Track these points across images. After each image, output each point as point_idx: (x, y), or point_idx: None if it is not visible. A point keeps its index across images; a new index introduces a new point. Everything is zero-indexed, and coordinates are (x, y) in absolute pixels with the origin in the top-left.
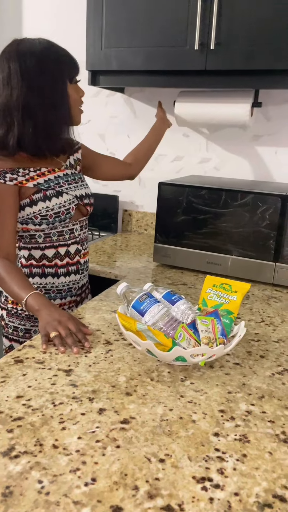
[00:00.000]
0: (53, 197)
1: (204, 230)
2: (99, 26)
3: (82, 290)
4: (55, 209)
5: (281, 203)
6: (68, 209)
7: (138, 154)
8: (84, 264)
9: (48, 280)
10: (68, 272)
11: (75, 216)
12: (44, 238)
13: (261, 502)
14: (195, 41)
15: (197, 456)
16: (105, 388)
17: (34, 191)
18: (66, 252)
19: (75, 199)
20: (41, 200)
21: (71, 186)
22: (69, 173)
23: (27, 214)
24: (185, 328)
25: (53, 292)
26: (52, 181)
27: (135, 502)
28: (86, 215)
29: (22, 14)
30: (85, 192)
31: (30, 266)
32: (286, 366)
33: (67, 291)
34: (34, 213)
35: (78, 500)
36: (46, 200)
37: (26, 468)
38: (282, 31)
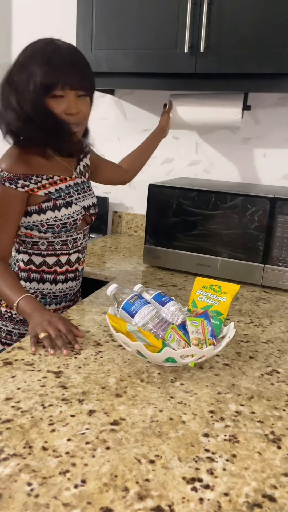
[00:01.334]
0: (62, 207)
1: (194, 232)
2: (89, 28)
3: (75, 295)
4: (63, 219)
5: (269, 205)
6: (75, 220)
7: (135, 161)
8: (81, 271)
9: (45, 286)
10: (66, 279)
11: (80, 225)
12: (47, 246)
13: (250, 502)
14: (185, 44)
15: (187, 457)
16: (95, 389)
17: (44, 200)
18: (67, 260)
19: (82, 209)
20: (50, 209)
21: (80, 196)
22: (79, 182)
23: (34, 221)
24: (175, 329)
25: (49, 297)
26: (63, 190)
27: (125, 503)
28: (90, 223)
29: (11, 15)
30: (92, 202)
31: (29, 270)
32: (275, 367)
33: (62, 297)
34: (41, 221)
35: (67, 502)
36: (55, 210)
37: (15, 470)
38: (271, 35)
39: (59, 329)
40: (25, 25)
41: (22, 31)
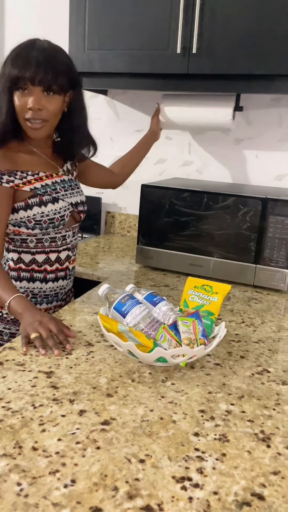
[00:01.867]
0: (49, 203)
1: (186, 232)
2: (81, 28)
3: (67, 294)
4: (50, 215)
5: (261, 205)
6: (62, 216)
7: (126, 166)
8: (72, 270)
9: (36, 285)
10: (57, 278)
11: (68, 222)
12: (36, 243)
13: (239, 500)
14: (177, 44)
15: (177, 456)
16: (86, 389)
17: (30, 195)
18: (57, 258)
19: (70, 206)
20: (36, 205)
21: (67, 192)
22: (66, 179)
23: (21, 218)
24: (166, 329)
25: (40, 296)
26: (49, 186)
27: (114, 502)
28: (79, 221)
29: (4, 13)
30: (80, 199)
31: (19, 269)
32: (265, 366)
33: (53, 296)
34: (28, 217)
35: (57, 502)
36: (42, 205)
37: (5, 470)
38: (264, 36)
39: (50, 330)
40: (18, 25)
41: (15, 31)
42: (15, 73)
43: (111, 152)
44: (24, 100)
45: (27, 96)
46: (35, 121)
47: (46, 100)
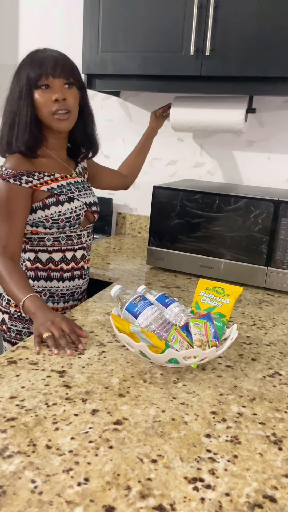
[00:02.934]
0: (65, 202)
1: (198, 234)
2: (95, 30)
3: (82, 294)
4: (67, 214)
5: (273, 208)
6: (78, 215)
7: (133, 165)
8: (87, 270)
9: (53, 284)
10: (73, 277)
11: (83, 222)
12: (53, 241)
13: (251, 502)
14: (190, 47)
15: (188, 457)
16: (98, 389)
17: (47, 195)
18: (73, 257)
19: (84, 205)
20: (53, 204)
21: (81, 193)
22: (79, 181)
23: (39, 217)
24: (178, 330)
25: (57, 295)
26: (64, 186)
27: (127, 502)
28: (93, 222)
29: (18, 17)
30: (93, 200)
31: (36, 269)
32: (277, 369)
33: (70, 295)
34: (46, 216)
35: (71, 499)
36: (59, 204)
37: (19, 468)
38: (277, 39)
39: (62, 329)
40: (32, 28)
41: (29, 34)
42: (36, 72)
43: (123, 153)
44: (48, 95)
45: (49, 91)
46: (61, 112)
47: (68, 92)
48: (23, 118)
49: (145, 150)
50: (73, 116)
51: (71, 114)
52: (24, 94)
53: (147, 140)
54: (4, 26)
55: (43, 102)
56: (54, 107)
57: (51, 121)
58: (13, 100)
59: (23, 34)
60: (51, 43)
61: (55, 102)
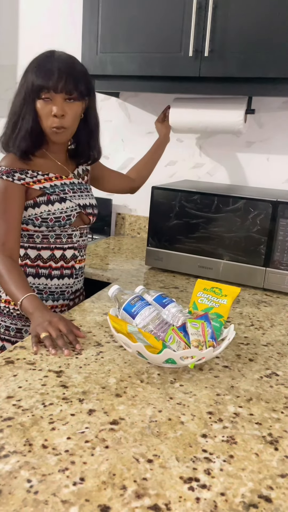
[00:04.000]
0: (56, 202)
1: (196, 234)
2: (95, 31)
3: (75, 295)
4: (56, 213)
5: (272, 208)
6: (69, 216)
7: (142, 170)
8: (79, 270)
9: (41, 281)
10: (62, 275)
11: (76, 223)
12: (42, 239)
13: (246, 502)
14: (189, 47)
15: (184, 457)
16: (95, 389)
17: (39, 194)
18: (62, 255)
19: (77, 207)
20: (44, 203)
21: (76, 194)
22: (76, 182)
23: (29, 215)
24: (175, 330)
25: (46, 293)
26: (58, 187)
27: (122, 501)
28: (88, 224)
29: (18, 18)
30: (89, 202)
31: (25, 265)
32: (274, 370)
33: (59, 294)
34: (35, 214)
35: (66, 499)
36: (49, 204)
37: (15, 467)
38: (276, 39)
39: (60, 330)
40: (32, 28)
41: (29, 35)
42: (39, 83)
43: (122, 154)
44: (48, 108)
45: (49, 104)
46: (58, 127)
47: (68, 107)
48: (25, 125)
49: (157, 156)
50: (71, 130)
51: (67, 130)
52: (27, 100)
53: (159, 147)
54: (4, 26)
55: (43, 114)
56: (52, 121)
57: (49, 133)
58: (18, 101)
59: (22, 34)
60: (51, 43)
61: (53, 117)
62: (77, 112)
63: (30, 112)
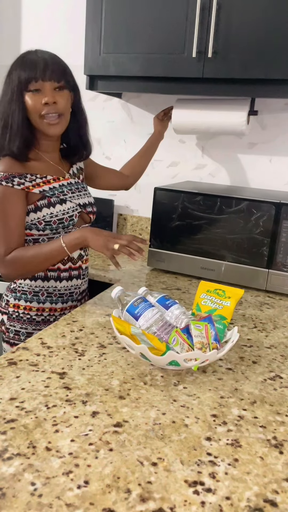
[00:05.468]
0: (57, 204)
1: (199, 235)
2: (98, 31)
3: (82, 295)
4: (59, 215)
5: (275, 210)
6: (71, 216)
7: (136, 167)
8: (85, 269)
9: (50, 284)
10: (71, 277)
11: (78, 223)
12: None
13: (252, 506)
14: (193, 49)
15: (189, 460)
16: (99, 391)
17: (39, 198)
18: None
19: (78, 207)
20: (45, 206)
21: (74, 194)
22: (73, 182)
23: (31, 220)
24: (179, 332)
25: (55, 295)
26: (56, 189)
27: (127, 505)
28: (89, 222)
29: (21, 18)
30: (88, 200)
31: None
32: (278, 372)
33: (68, 296)
34: (38, 218)
35: (70, 502)
36: (51, 206)
37: (19, 470)
38: (279, 41)
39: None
40: (34, 29)
41: (31, 36)
42: (26, 75)
43: (124, 154)
44: (37, 98)
45: (39, 94)
46: (52, 116)
47: (58, 95)
48: (15, 121)
49: (150, 152)
50: (65, 120)
51: (63, 117)
52: (15, 96)
53: (153, 143)
54: (7, 27)
55: (32, 106)
56: (44, 110)
57: (42, 125)
58: (5, 102)
59: (25, 35)
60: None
61: (45, 105)
62: (68, 101)
63: (19, 108)
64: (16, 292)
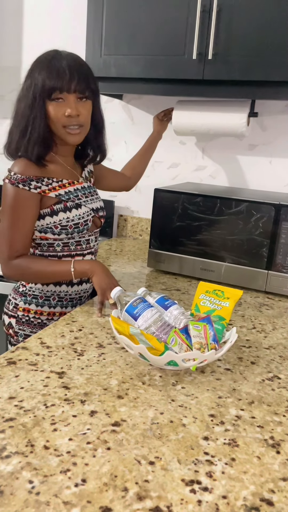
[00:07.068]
0: (73, 208)
1: (199, 236)
2: (99, 33)
3: (88, 298)
4: (75, 220)
5: (274, 211)
6: (86, 221)
7: (137, 167)
8: None
9: (62, 288)
10: (81, 281)
11: (91, 228)
12: (63, 247)
13: (248, 505)
14: (193, 50)
15: (186, 459)
16: (97, 391)
17: (55, 202)
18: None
19: (91, 211)
20: (62, 210)
21: (88, 199)
22: (86, 186)
23: (47, 224)
24: (177, 333)
25: (66, 300)
26: (72, 193)
27: (124, 503)
28: (100, 226)
29: (22, 20)
30: (99, 205)
31: None
32: (276, 373)
33: (78, 300)
34: (54, 222)
35: (68, 500)
36: (67, 211)
37: (17, 468)
38: (279, 43)
39: None
40: (36, 30)
41: (33, 37)
42: (51, 84)
43: (125, 155)
44: (60, 109)
45: (62, 105)
46: (74, 127)
47: (81, 106)
48: (36, 129)
49: (150, 153)
50: (85, 129)
51: (83, 128)
52: (37, 103)
53: (152, 144)
54: (8, 28)
55: (55, 116)
56: (66, 121)
57: (63, 134)
58: (26, 105)
59: (27, 36)
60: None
61: (68, 117)
62: (90, 111)
63: (40, 115)
64: (26, 296)
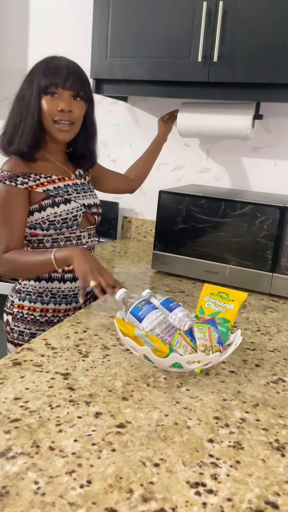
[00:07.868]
0: (61, 203)
1: (203, 239)
2: (104, 36)
3: (87, 297)
4: (63, 215)
5: (279, 214)
6: (75, 216)
7: (141, 170)
8: None
9: (54, 285)
10: (74, 278)
11: (83, 224)
12: (52, 243)
13: (253, 508)
14: (198, 53)
15: (191, 462)
16: (102, 392)
17: (44, 197)
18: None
19: (82, 207)
20: (49, 206)
21: (79, 195)
22: (78, 183)
23: (36, 219)
24: (182, 335)
25: (59, 297)
26: (61, 188)
27: (129, 505)
28: (94, 224)
29: (28, 22)
30: (93, 201)
31: None
32: (280, 375)
33: (72, 297)
34: (42, 218)
35: (73, 501)
36: (55, 206)
37: (23, 469)
38: (284, 46)
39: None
40: (42, 33)
41: (39, 39)
42: (48, 81)
43: (130, 158)
44: (54, 103)
45: (57, 100)
46: (64, 122)
47: (74, 104)
48: (29, 122)
49: (154, 155)
50: (75, 128)
51: (74, 126)
52: (33, 99)
53: (157, 146)
54: (14, 31)
55: (48, 109)
56: (58, 116)
57: (52, 130)
58: (22, 101)
59: (32, 39)
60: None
61: (60, 112)
62: (82, 111)
63: (34, 109)
64: (20, 293)
